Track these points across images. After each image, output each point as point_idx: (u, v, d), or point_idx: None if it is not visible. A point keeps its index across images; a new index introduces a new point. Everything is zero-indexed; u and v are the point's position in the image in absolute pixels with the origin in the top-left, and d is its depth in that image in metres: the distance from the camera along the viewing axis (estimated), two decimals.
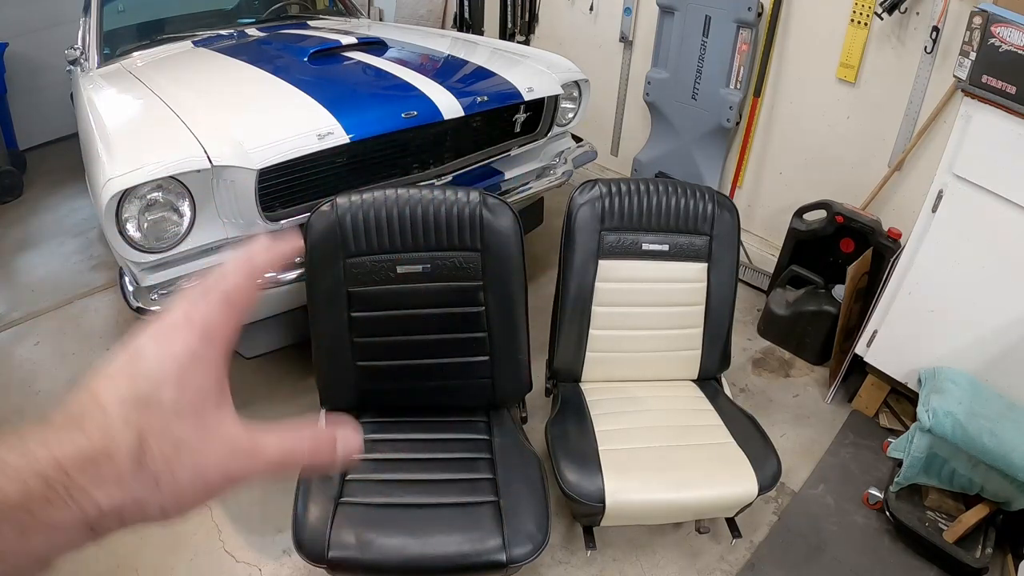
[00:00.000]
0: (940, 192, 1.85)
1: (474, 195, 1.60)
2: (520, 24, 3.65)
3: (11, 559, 0.29)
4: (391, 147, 1.99)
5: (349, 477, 1.49)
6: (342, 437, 0.37)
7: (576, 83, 2.42)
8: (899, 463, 1.85)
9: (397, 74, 2.13)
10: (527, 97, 2.17)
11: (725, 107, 2.75)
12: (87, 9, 2.61)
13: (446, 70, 2.28)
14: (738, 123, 2.78)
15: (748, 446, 1.60)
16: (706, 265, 1.79)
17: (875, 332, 2.09)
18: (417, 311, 1.62)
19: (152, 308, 1.65)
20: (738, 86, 2.71)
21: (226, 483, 0.34)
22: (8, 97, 3.54)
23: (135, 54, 2.44)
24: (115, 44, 2.51)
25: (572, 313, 1.77)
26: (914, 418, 1.80)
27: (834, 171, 2.59)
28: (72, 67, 2.58)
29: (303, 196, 1.84)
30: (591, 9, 3.33)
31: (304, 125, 1.77)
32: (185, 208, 1.66)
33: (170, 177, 1.59)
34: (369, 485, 1.47)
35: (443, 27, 3.93)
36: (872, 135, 2.44)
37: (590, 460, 1.54)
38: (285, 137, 1.73)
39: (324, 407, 1.70)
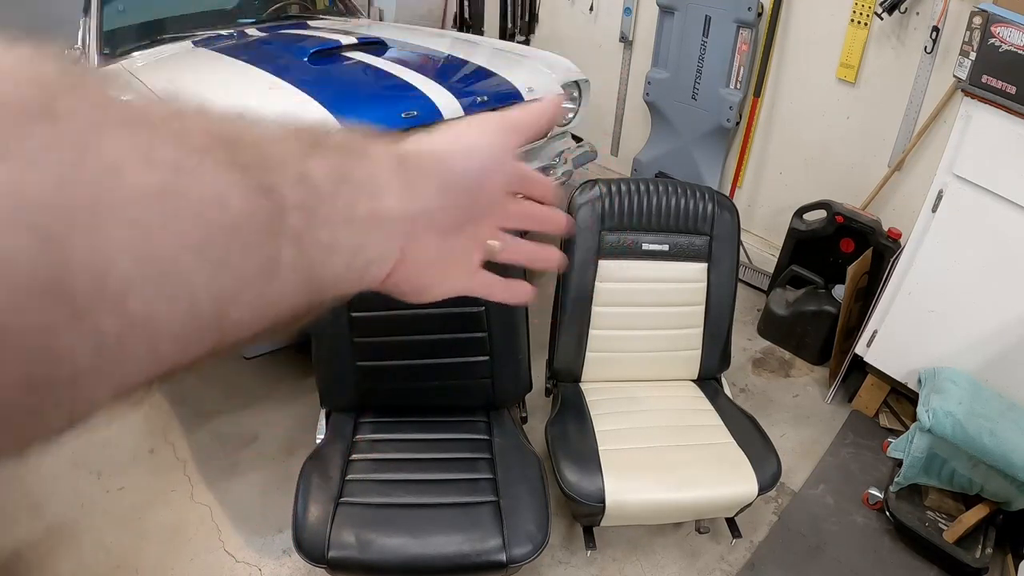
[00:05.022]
0: (940, 192, 1.85)
1: None
2: (520, 24, 3.65)
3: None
4: None
5: (349, 477, 1.49)
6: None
7: (576, 83, 2.42)
8: (899, 463, 1.85)
9: (397, 74, 2.13)
10: (527, 97, 2.17)
11: (725, 107, 2.75)
12: (87, 9, 2.60)
13: (446, 70, 2.28)
14: (738, 123, 2.78)
15: (748, 446, 1.60)
16: (706, 265, 1.79)
17: (875, 332, 2.09)
18: (417, 311, 1.62)
19: None
20: (738, 86, 2.71)
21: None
22: None
23: (135, 54, 2.44)
24: (115, 44, 2.50)
25: (572, 313, 1.77)
26: (914, 418, 1.80)
27: (834, 171, 2.59)
28: None
29: None
30: (591, 9, 3.33)
31: None
32: None
33: None
34: (369, 485, 1.47)
35: (443, 27, 3.93)
36: (872, 135, 2.44)
37: (590, 460, 1.54)
38: None
39: (324, 407, 1.69)
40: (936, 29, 2.12)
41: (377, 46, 2.36)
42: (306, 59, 2.19)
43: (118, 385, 0.21)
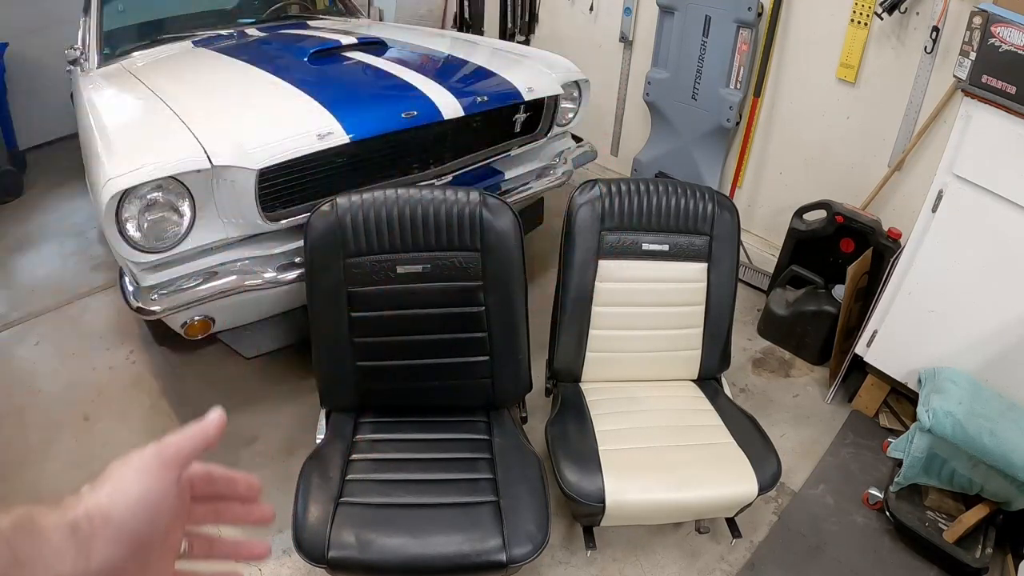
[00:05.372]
0: (940, 192, 1.85)
1: (474, 195, 1.60)
2: (520, 24, 3.65)
3: None
4: (391, 147, 1.99)
5: (349, 477, 1.49)
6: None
7: (576, 83, 2.42)
8: (899, 463, 1.85)
9: (397, 74, 2.13)
10: (527, 97, 2.17)
11: (725, 107, 2.75)
12: (87, 9, 2.61)
13: (446, 70, 2.28)
14: (738, 123, 2.78)
15: (748, 446, 1.60)
16: (706, 265, 1.79)
17: (875, 332, 2.09)
18: (417, 311, 1.62)
19: (152, 308, 1.65)
20: (738, 86, 2.71)
21: None
22: (8, 97, 3.54)
23: (135, 54, 2.44)
24: (115, 44, 2.50)
25: (572, 313, 1.77)
26: (914, 418, 1.80)
27: (834, 171, 2.59)
28: (72, 67, 2.58)
29: (303, 196, 1.84)
30: (591, 9, 3.33)
31: (304, 125, 1.77)
32: (185, 208, 1.66)
33: (170, 177, 1.59)
34: (369, 485, 1.47)
35: (443, 27, 3.93)
36: (872, 135, 2.44)
37: (590, 460, 1.54)
38: (285, 137, 1.72)
39: (324, 407, 1.70)
40: (936, 29, 2.12)
41: (377, 46, 2.36)
42: (306, 59, 2.20)
43: None
